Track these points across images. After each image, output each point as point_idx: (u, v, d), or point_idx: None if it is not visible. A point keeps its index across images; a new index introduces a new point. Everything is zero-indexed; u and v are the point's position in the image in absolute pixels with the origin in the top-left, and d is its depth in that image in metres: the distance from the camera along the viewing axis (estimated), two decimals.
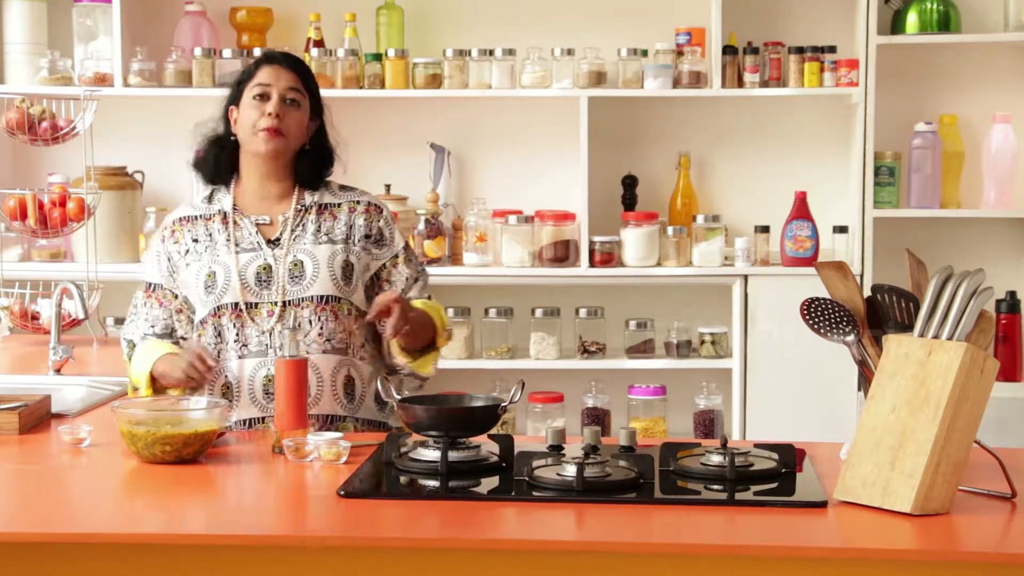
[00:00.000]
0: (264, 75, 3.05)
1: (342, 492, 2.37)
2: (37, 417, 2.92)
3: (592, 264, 4.79)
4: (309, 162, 3.11)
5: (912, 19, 4.76)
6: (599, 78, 4.79)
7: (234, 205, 3.09)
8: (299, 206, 3.09)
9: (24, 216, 4.28)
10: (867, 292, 2.57)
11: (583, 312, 4.87)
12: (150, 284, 3.13)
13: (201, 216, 3.11)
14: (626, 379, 4.86)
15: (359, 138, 5.05)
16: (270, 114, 3.01)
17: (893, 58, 4.82)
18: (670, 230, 4.79)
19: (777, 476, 2.49)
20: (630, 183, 4.95)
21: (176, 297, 3.09)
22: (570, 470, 2.40)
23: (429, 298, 3.15)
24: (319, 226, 3.07)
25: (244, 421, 3.00)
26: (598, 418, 4.79)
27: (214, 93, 4.80)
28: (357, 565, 2.19)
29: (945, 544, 2.18)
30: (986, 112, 4.86)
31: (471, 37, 4.91)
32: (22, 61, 4.90)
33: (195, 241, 3.09)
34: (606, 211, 4.91)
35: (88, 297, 4.14)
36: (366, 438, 2.83)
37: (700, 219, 4.80)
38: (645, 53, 4.81)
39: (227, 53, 4.80)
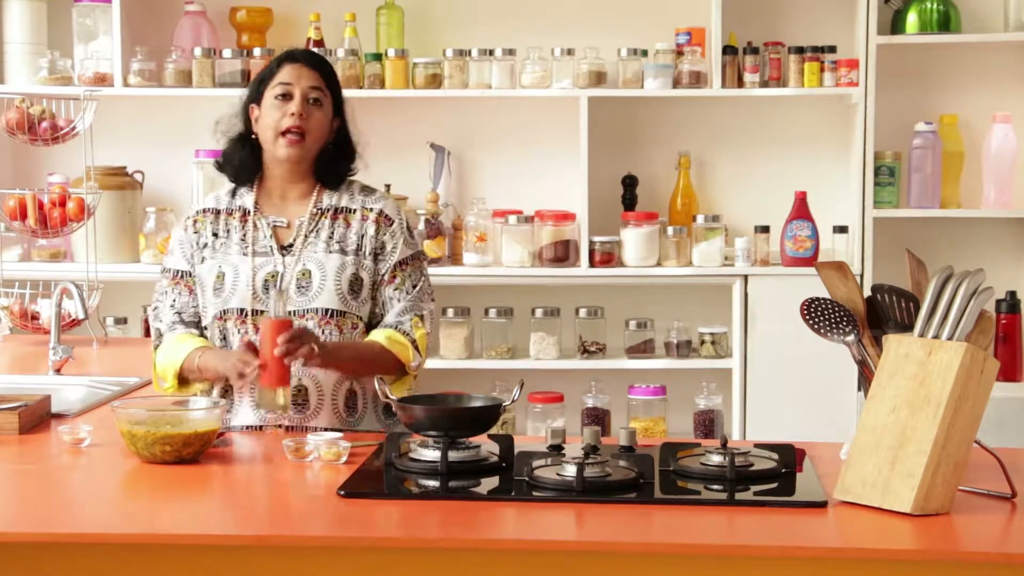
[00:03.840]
0: (286, 74, 3.00)
1: (342, 492, 2.37)
2: (37, 417, 2.92)
3: (592, 264, 4.79)
4: (330, 161, 3.06)
5: (912, 19, 4.76)
6: (599, 78, 4.79)
7: (255, 204, 3.05)
8: (316, 209, 3.04)
9: (24, 216, 4.28)
10: (867, 292, 2.57)
11: (583, 312, 4.87)
12: (177, 271, 3.06)
13: (224, 211, 3.07)
14: (626, 379, 4.86)
15: (359, 138, 5.06)
16: (293, 114, 2.96)
17: (893, 58, 4.82)
18: (670, 230, 4.79)
19: (777, 476, 2.49)
20: (630, 183, 4.95)
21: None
22: (570, 470, 2.40)
23: (420, 317, 3.01)
24: (332, 232, 3.02)
25: (244, 426, 2.97)
26: (598, 418, 4.79)
27: (214, 93, 4.82)
28: (357, 565, 2.19)
29: (945, 544, 2.18)
30: (986, 112, 4.86)
31: (471, 37, 4.91)
32: (22, 61, 4.90)
33: (215, 236, 3.05)
34: (606, 211, 4.91)
35: (88, 297, 4.13)
36: (366, 438, 2.83)
37: (700, 219, 4.80)
38: (645, 53, 4.81)
39: (227, 53, 4.80)
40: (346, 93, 4.98)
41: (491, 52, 4.79)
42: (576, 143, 4.78)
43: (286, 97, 2.98)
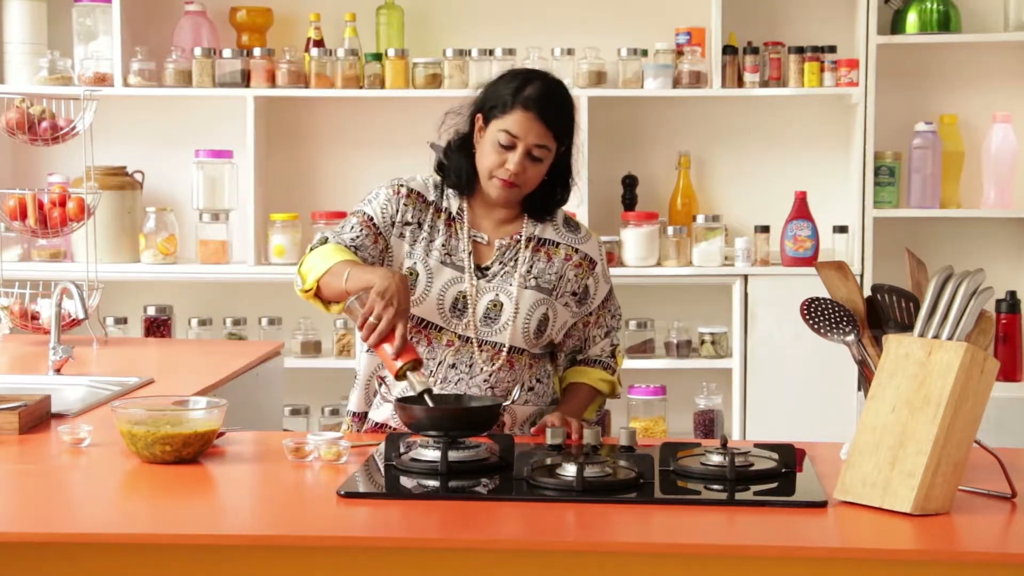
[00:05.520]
0: (516, 122, 2.83)
1: (342, 492, 2.37)
2: (37, 417, 2.92)
3: None
4: (542, 195, 2.94)
5: (912, 19, 4.77)
6: (599, 78, 4.79)
7: (459, 210, 2.94)
8: (519, 236, 2.93)
9: (24, 216, 4.28)
10: (867, 292, 2.57)
11: None
12: (370, 218, 2.91)
13: (432, 203, 2.95)
14: (626, 379, 4.83)
15: (359, 138, 5.06)
16: (509, 169, 2.84)
17: (893, 58, 4.82)
18: (670, 230, 4.79)
19: (777, 476, 2.49)
20: (630, 183, 4.95)
21: (387, 243, 2.92)
22: (570, 470, 2.40)
23: (614, 353, 3.05)
24: (531, 266, 2.92)
25: (376, 423, 2.94)
26: (598, 418, 4.78)
27: (214, 93, 4.83)
28: (357, 565, 2.19)
29: (945, 544, 2.18)
30: (986, 112, 4.87)
31: (471, 37, 4.92)
32: (22, 61, 4.90)
33: (419, 224, 2.93)
34: (606, 211, 4.91)
35: (88, 297, 4.13)
36: (366, 438, 2.83)
37: (700, 219, 4.80)
38: (645, 53, 4.81)
39: (227, 53, 4.81)
40: (347, 93, 4.96)
41: (491, 52, 4.79)
42: None
43: (508, 148, 2.84)
